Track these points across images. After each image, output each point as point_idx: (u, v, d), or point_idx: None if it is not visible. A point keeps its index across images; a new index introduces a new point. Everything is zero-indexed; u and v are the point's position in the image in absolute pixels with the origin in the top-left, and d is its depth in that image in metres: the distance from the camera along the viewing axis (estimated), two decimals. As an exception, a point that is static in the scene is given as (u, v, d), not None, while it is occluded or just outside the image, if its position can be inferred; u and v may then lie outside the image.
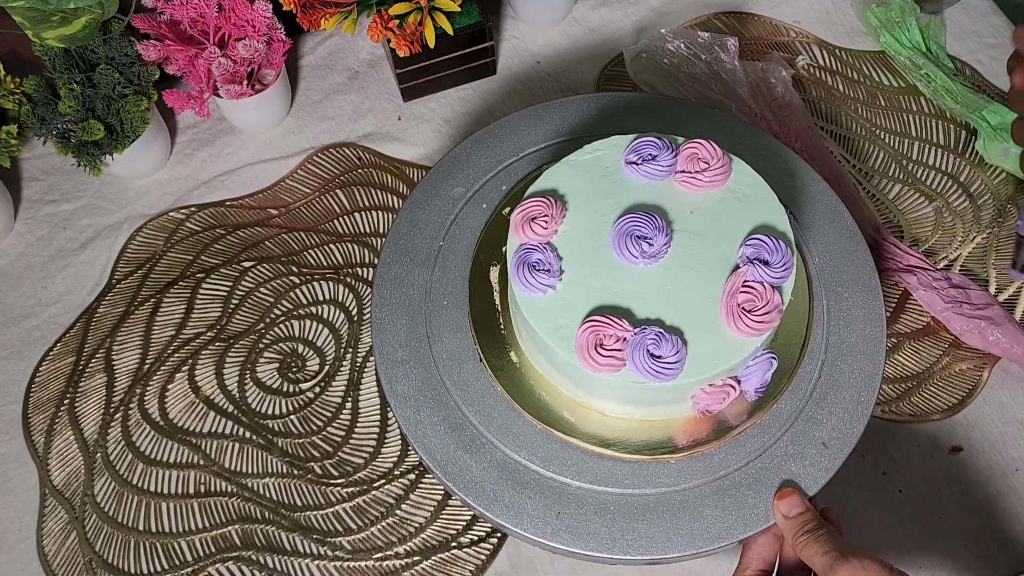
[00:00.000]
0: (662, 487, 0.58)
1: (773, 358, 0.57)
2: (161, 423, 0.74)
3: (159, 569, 0.68)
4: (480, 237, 0.67)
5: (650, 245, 0.56)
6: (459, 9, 0.79)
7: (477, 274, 0.66)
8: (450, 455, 0.60)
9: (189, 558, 0.68)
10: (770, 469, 0.58)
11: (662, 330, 0.53)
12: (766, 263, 0.55)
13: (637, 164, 0.60)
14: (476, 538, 0.68)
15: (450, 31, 0.80)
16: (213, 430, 0.73)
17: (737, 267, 0.56)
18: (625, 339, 0.53)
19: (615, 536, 0.56)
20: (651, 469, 0.59)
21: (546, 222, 0.57)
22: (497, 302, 0.64)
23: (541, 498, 0.58)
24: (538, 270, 0.56)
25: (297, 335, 0.77)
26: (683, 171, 0.59)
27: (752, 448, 0.59)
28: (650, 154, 0.60)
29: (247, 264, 0.81)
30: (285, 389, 0.75)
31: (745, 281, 0.55)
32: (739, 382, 0.56)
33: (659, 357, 0.53)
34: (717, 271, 0.56)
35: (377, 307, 0.65)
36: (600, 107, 0.74)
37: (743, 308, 0.54)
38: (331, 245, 0.82)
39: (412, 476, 0.70)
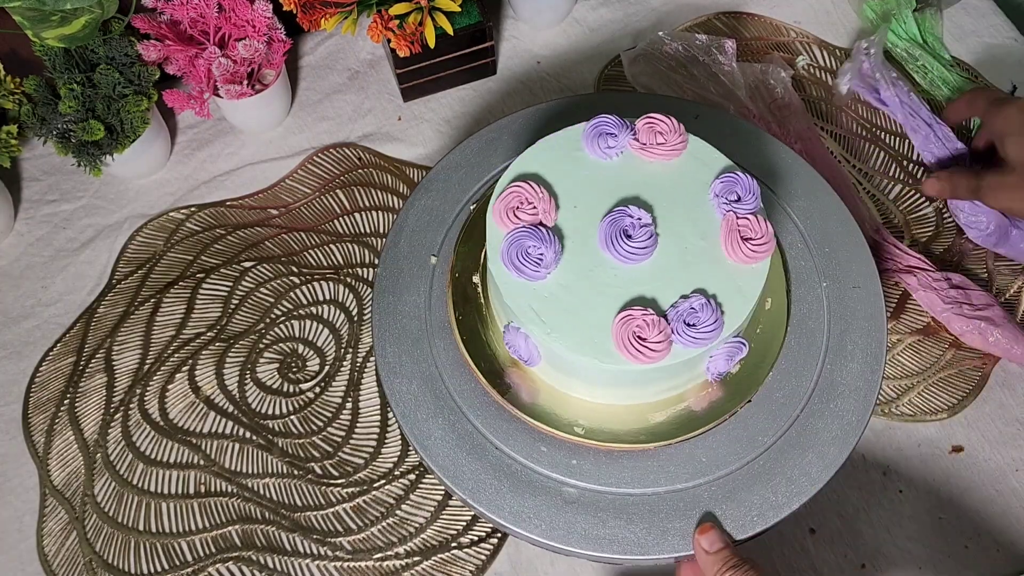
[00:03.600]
0: (662, 487, 0.58)
1: (742, 343, 0.57)
2: (161, 423, 0.74)
3: (159, 569, 0.68)
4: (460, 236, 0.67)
5: (636, 242, 0.56)
6: (459, 9, 0.78)
7: (462, 280, 0.66)
8: (450, 455, 0.60)
9: (189, 558, 0.68)
10: (769, 469, 0.58)
11: (697, 299, 0.54)
12: (738, 199, 0.57)
13: (599, 144, 0.60)
14: (476, 538, 0.68)
15: (450, 31, 0.80)
16: (213, 430, 0.73)
17: (722, 215, 0.58)
18: (665, 320, 0.54)
19: (615, 536, 0.56)
20: (651, 468, 0.59)
21: (532, 206, 0.57)
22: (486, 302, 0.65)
23: (541, 498, 0.58)
24: (531, 256, 0.55)
25: (297, 335, 0.77)
26: (643, 145, 0.60)
27: (751, 448, 0.59)
28: (610, 133, 0.61)
29: (247, 264, 0.81)
30: (285, 389, 0.75)
31: (736, 216, 0.57)
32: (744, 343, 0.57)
33: (695, 324, 0.53)
34: (705, 221, 0.58)
35: (377, 307, 0.65)
36: (600, 107, 0.73)
37: (742, 237, 0.56)
38: (331, 245, 0.82)
39: (412, 476, 0.70)
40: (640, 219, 0.57)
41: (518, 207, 0.57)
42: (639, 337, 0.53)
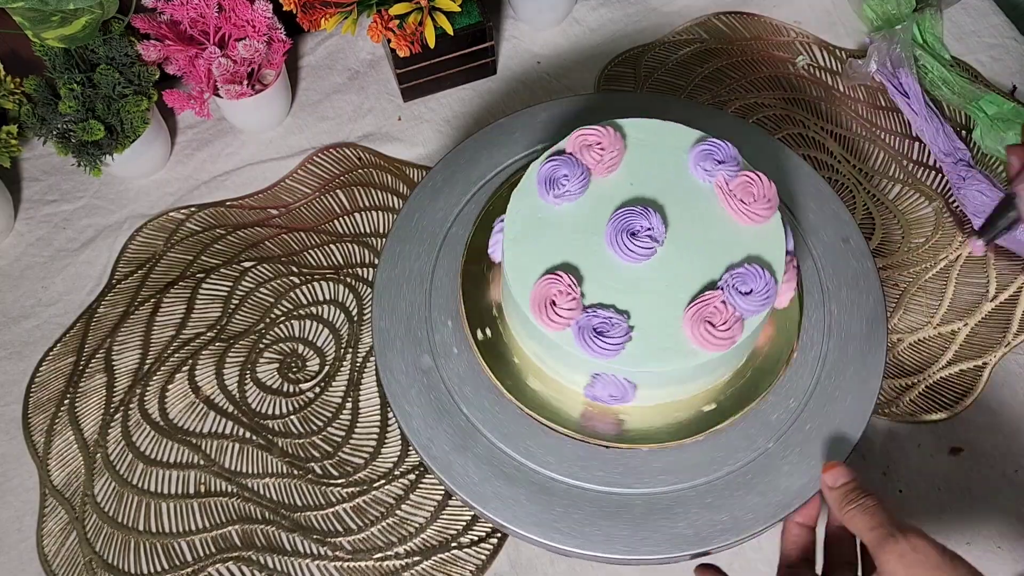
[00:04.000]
0: (661, 487, 0.58)
1: (628, 387, 0.57)
2: (161, 423, 0.74)
3: (159, 569, 0.68)
4: (471, 236, 0.67)
5: (641, 245, 0.56)
6: (459, 9, 0.79)
7: (472, 274, 0.66)
8: (450, 455, 0.60)
9: (189, 558, 0.68)
10: (769, 469, 0.58)
11: (615, 313, 0.54)
12: (747, 293, 0.55)
13: (701, 161, 0.60)
14: (476, 538, 0.68)
15: (450, 31, 0.80)
16: (213, 430, 0.73)
17: (716, 285, 0.56)
18: (575, 299, 0.55)
19: (615, 536, 0.56)
20: (650, 469, 0.59)
21: (600, 151, 0.59)
22: (493, 299, 0.64)
23: (541, 498, 0.58)
24: (558, 182, 0.58)
25: (297, 335, 0.77)
26: (728, 191, 0.59)
27: (752, 448, 0.59)
28: (717, 159, 0.60)
29: (247, 264, 0.81)
30: (285, 389, 0.75)
31: (720, 300, 0.55)
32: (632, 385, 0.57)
33: (602, 334, 0.54)
34: (694, 282, 0.56)
35: (377, 307, 0.65)
36: (600, 107, 0.74)
37: (707, 321, 0.54)
38: (331, 245, 0.82)
39: (412, 476, 0.70)
40: (652, 229, 0.57)
41: (591, 144, 0.59)
42: (552, 302, 0.55)
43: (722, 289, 0.55)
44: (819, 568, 0.53)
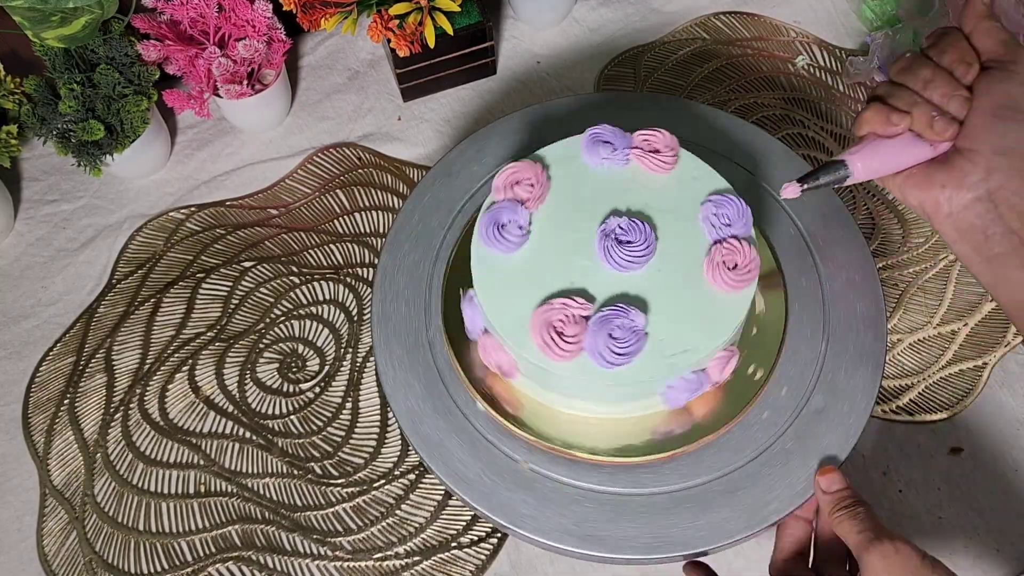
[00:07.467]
0: (662, 487, 0.58)
1: (733, 354, 0.57)
2: (161, 423, 0.74)
3: (159, 569, 0.68)
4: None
5: (632, 251, 0.56)
6: (459, 9, 0.79)
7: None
8: (450, 455, 0.60)
9: (189, 558, 0.68)
10: (770, 469, 0.58)
11: (624, 305, 0.53)
12: (728, 224, 0.56)
13: (598, 152, 0.60)
14: (476, 538, 0.68)
15: (450, 31, 0.80)
16: (213, 430, 0.73)
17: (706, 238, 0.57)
18: (586, 318, 0.53)
19: (615, 536, 0.56)
20: (650, 469, 0.59)
21: (530, 187, 0.58)
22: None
23: (541, 498, 0.58)
24: (506, 229, 0.56)
25: (297, 335, 0.77)
26: (643, 155, 0.60)
27: (752, 448, 0.59)
28: (606, 141, 0.60)
29: (247, 264, 0.81)
30: (285, 389, 0.75)
31: (720, 240, 0.56)
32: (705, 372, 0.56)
33: (618, 339, 0.52)
34: (687, 251, 0.56)
35: (377, 307, 0.65)
36: (600, 107, 0.74)
37: (725, 265, 0.55)
38: (331, 245, 0.82)
39: (412, 476, 0.70)
40: (642, 231, 0.57)
41: (517, 182, 0.58)
42: (557, 331, 0.53)
43: (720, 242, 0.56)
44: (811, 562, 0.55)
